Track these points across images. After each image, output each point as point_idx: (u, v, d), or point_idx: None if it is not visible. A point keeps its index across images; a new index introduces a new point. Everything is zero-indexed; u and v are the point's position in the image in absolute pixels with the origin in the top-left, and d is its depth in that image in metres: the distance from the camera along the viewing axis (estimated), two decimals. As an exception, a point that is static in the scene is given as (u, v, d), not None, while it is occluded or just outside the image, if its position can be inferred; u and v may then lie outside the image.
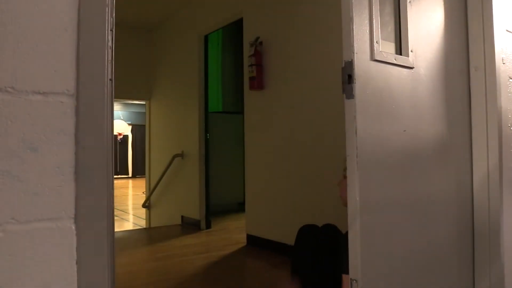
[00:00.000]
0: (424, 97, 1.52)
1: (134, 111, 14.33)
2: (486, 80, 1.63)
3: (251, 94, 3.56)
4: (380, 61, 1.33)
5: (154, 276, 2.78)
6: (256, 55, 3.39)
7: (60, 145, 0.75)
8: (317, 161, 2.84)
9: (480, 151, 1.65)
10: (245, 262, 3.24)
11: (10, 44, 0.71)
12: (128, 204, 8.95)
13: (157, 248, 3.70)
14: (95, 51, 0.79)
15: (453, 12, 1.67)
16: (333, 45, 2.69)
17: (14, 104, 0.71)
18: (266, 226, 3.40)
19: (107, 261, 0.79)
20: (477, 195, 1.66)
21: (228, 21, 4.08)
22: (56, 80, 0.75)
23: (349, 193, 1.27)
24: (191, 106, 4.59)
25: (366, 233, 1.26)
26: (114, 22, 0.83)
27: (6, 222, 0.70)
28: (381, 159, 1.34)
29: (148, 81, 5.61)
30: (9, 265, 0.70)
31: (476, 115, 1.67)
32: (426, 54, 1.54)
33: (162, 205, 5.35)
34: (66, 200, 0.75)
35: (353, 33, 1.24)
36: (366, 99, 1.29)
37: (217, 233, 4.22)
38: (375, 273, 1.29)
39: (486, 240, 1.63)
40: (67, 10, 0.77)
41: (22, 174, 0.71)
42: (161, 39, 5.40)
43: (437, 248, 1.56)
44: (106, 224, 0.79)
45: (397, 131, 1.40)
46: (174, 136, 5.04)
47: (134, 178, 14.32)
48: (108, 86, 0.80)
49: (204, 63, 4.52)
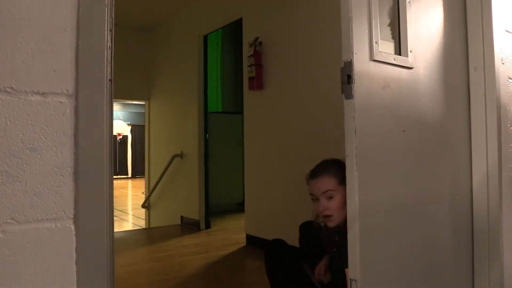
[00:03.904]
0: (424, 97, 1.52)
1: (133, 111, 14.32)
2: (485, 80, 1.64)
3: (250, 94, 3.56)
4: (379, 61, 1.34)
5: (153, 276, 2.78)
6: (256, 55, 3.39)
7: (59, 145, 0.75)
8: (316, 161, 2.83)
9: (479, 151, 1.65)
10: (244, 262, 3.24)
11: (10, 44, 0.71)
12: (128, 204, 8.94)
13: (157, 248, 3.70)
14: (94, 51, 0.79)
15: (452, 12, 1.67)
16: (332, 45, 2.69)
17: (14, 104, 0.71)
18: (265, 226, 3.40)
19: (107, 261, 0.79)
20: (477, 195, 1.66)
21: (228, 21, 4.08)
22: (55, 81, 0.75)
23: (348, 194, 1.27)
24: (191, 106, 4.59)
25: (365, 233, 1.26)
26: (114, 22, 0.83)
27: (5, 222, 0.70)
28: (380, 159, 1.35)
29: (148, 81, 5.60)
30: (8, 265, 0.70)
31: (475, 115, 1.67)
32: (426, 54, 1.54)
33: (162, 205, 5.34)
34: (66, 200, 0.75)
35: (352, 33, 1.25)
36: (365, 99, 1.29)
37: (217, 233, 4.22)
38: (375, 273, 1.29)
39: (485, 241, 1.63)
40: (67, 10, 0.77)
41: (21, 174, 0.71)
42: (160, 39, 5.39)
43: (436, 248, 1.56)
44: (105, 224, 0.79)
45: (396, 131, 1.40)
46: (173, 136, 5.03)
47: (133, 178, 14.31)
48: (107, 86, 0.80)
49: (204, 63, 4.51)
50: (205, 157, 4.45)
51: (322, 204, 1.50)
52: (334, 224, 1.52)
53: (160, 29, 5.39)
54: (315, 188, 1.54)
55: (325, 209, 1.50)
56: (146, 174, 5.81)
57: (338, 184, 1.48)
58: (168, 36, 5.22)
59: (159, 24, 5.35)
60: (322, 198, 1.51)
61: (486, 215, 1.63)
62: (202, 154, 4.45)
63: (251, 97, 3.58)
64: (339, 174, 1.48)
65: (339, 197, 1.48)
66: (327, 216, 1.51)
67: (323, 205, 1.50)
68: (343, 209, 1.44)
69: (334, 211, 1.49)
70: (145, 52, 5.54)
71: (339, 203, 1.48)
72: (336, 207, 1.49)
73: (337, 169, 1.51)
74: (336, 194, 1.49)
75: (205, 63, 4.52)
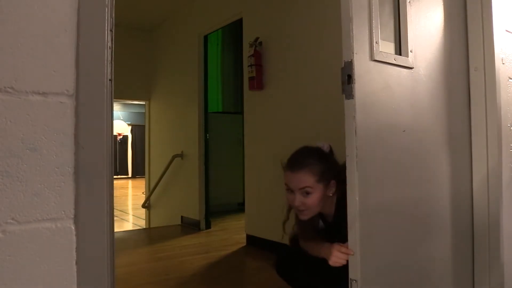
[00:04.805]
0: (424, 98, 1.52)
1: (133, 111, 14.32)
2: (485, 80, 1.64)
3: (250, 94, 3.56)
4: (379, 61, 1.34)
5: (154, 276, 2.78)
6: (256, 55, 3.39)
7: (59, 146, 0.75)
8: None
9: (479, 151, 1.65)
10: (245, 262, 3.24)
11: (10, 44, 0.71)
12: (128, 204, 8.94)
13: (157, 248, 3.70)
14: (94, 51, 0.79)
15: (452, 12, 1.67)
16: (332, 45, 2.69)
17: (14, 104, 0.71)
18: (266, 226, 3.40)
19: (107, 261, 0.79)
20: (477, 196, 1.66)
21: (228, 21, 4.08)
22: (55, 81, 0.75)
23: (348, 194, 1.27)
24: (191, 106, 4.59)
25: (365, 233, 1.26)
26: (114, 22, 0.83)
27: (5, 222, 0.70)
28: (381, 159, 1.35)
29: (148, 81, 5.60)
30: (8, 265, 0.70)
31: (476, 115, 1.67)
32: (426, 54, 1.54)
33: (162, 205, 5.34)
34: (66, 200, 0.75)
35: (353, 33, 1.25)
36: (366, 100, 1.29)
37: (217, 234, 4.22)
38: (375, 273, 1.29)
39: (485, 241, 1.63)
40: (67, 10, 0.77)
41: (21, 175, 0.71)
42: (160, 39, 5.40)
43: (436, 248, 1.56)
44: (106, 224, 0.79)
45: (396, 131, 1.40)
46: (173, 137, 5.03)
47: (133, 178, 14.31)
48: (107, 86, 0.80)
49: (204, 63, 4.51)
50: (205, 157, 4.45)
51: (298, 199, 1.46)
52: (306, 217, 1.50)
53: (160, 29, 5.39)
54: (292, 182, 1.49)
55: (300, 204, 1.47)
56: (146, 174, 5.81)
57: (316, 182, 1.44)
58: (168, 36, 5.22)
59: (159, 24, 5.35)
60: (298, 194, 1.47)
61: (486, 215, 1.63)
62: (202, 154, 4.45)
63: (251, 97, 3.58)
64: (318, 170, 1.45)
65: (316, 194, 1.45)
66: (301, 210, 1.48)
67: (299, 200, 1.46)
68: (319, 204, 1.47)
69: (309, 207, 1.47)
70: (145, 52, 5.55)
71: (316, 199, 1.45)
72: (312, 203, 1.46)
73: (317, 163, 1.47)
74: (314, 191, 1.45)
75: (205, 63, 4.52)
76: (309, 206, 1.47)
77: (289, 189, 1.51)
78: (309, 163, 1.48)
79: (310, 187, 1.44)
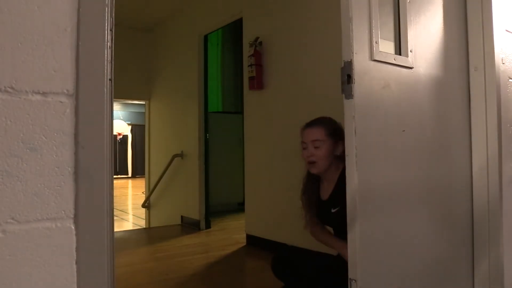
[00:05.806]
0: (424, 97, 1.52)
1: (133, 111, 14.32)
2: (485, 80, 1.64)
3: (250, 94, 3.56)
4: (379, 61, 1.34)
5: (154, 276, 2.78)
6: (256, 55, 3.39)
7: (59, 145, 0.75)
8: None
9: (479, 151, 1.65)
10: (245, 262, 3.24)
11: (10, 44, 0.71)
12: (128, 204, 8.94)
13: (157, 248, 3.70)
14: (94, 51, 0.79)
15: (452, 12, 1.67)
16: (332, 45, 2.68)
17: (14, 104, 0.71)
18: (265, 226, 3.40)
19: (107, 261, 0.79)
20: (477, 196, 1.66)
21: (228, 21, 4.08)
22: (55, 80, 0.75)
23: (348, 194, 1.27)
24: (191, 106, 4.59)
25: (365, 233, 1.26)
26: (114, 22, 0.83)
27: (5, 222, 0.70)
28: (380, 159, 1.35)
29: (148, 81, 5.60)
30: (8, 265, 0.70)
31: (476, 115, 1.67)
32: (426, 54, 1.54)
33: (162, 205, 5.34)
34: (66, 200, 0.75)
35: (353, 33, 1.25)
36: (365, 99, 1.29)
37: (217, 233, 4.22)
38: (375, 273, 1.29)
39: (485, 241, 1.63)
40: (67, 10, 0.77)
41: (21, 174, 0.71)
42: (160, 39, 5.39)
43: (436, 248, 1.56)
44: (105, 224, 0.79)
45: (396, 131, 1.40)
46: (173, 136, 5.03)
47: (133, 178, 14.31)
48: (107, 86, 0.80)
49: (204, 63, 4.51)
50: (205, 157, 4.45)
51: (309, 150, 1.68)
52: (316, 171, 1.70)
53: (160, 29, 5.39)
54: (306, 135, 1.71)
55: (310, 155, 1.68)
56: (146, 174, 5.81)
57: (326, 135, 1.67)
58: (168, 36, 5.22)
59: (159, 24, 5.35)
60: (310, 146, 1.68)
61: (486, 216, 1.63)
62: (202, 154, 4.45)
63: (251, 97, 3.58)
64: (329, 127, 1.68)
65: (325, 147, 1.66)
66: (312, 162, 1.68)
67: (310, 151, 1.68)
68: (328, 158, 1.67)
69: (319, 159, 1.67)
70: (145, 52, 5.54)
71: (325, 152, 1.66)
72: (321, 155, 1.66)
73: (329, 123, 1.71)
74: (323, 144, 1.66)
75: (205, 63, 4.52)
76: (319, 157, 1.67)
77: (304, 147, 1.72)
78: (321, 121, 1.74)
79: (320, 140, 1.66)
